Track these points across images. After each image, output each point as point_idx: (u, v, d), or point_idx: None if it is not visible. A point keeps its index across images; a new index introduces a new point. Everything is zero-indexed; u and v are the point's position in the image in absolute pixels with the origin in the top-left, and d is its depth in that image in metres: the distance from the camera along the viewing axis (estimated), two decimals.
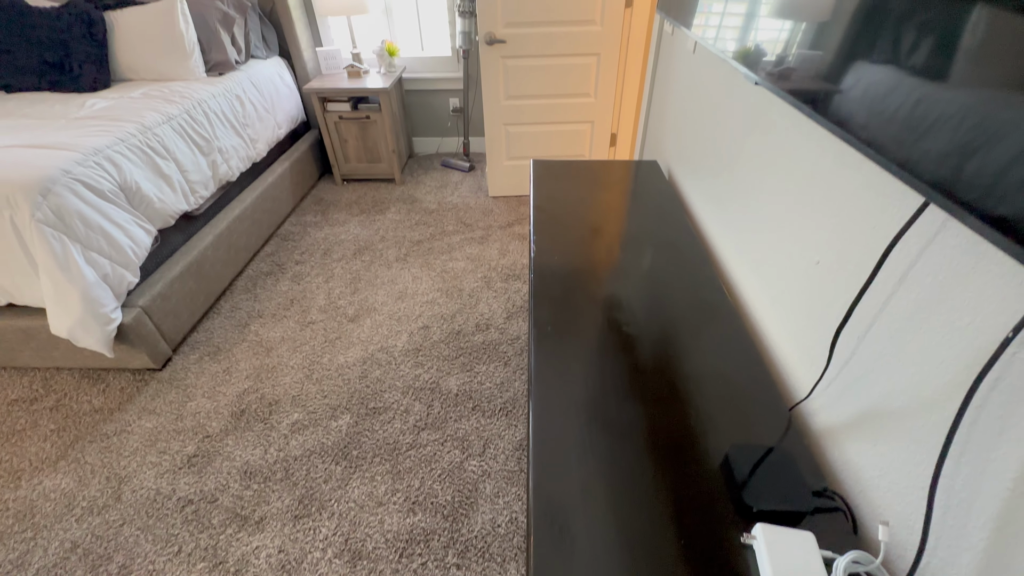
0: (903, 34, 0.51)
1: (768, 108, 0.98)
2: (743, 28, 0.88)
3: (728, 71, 1.18)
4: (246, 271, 2.31)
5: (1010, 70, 0.39)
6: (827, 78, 0.63)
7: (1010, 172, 0.39)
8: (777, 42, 0.77)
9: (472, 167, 3.19)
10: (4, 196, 1.46)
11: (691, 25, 1.12)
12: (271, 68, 2.72)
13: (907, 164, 0.50)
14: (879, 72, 0.54)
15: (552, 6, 2.24)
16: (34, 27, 2.16)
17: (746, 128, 1.08)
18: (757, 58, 0.83)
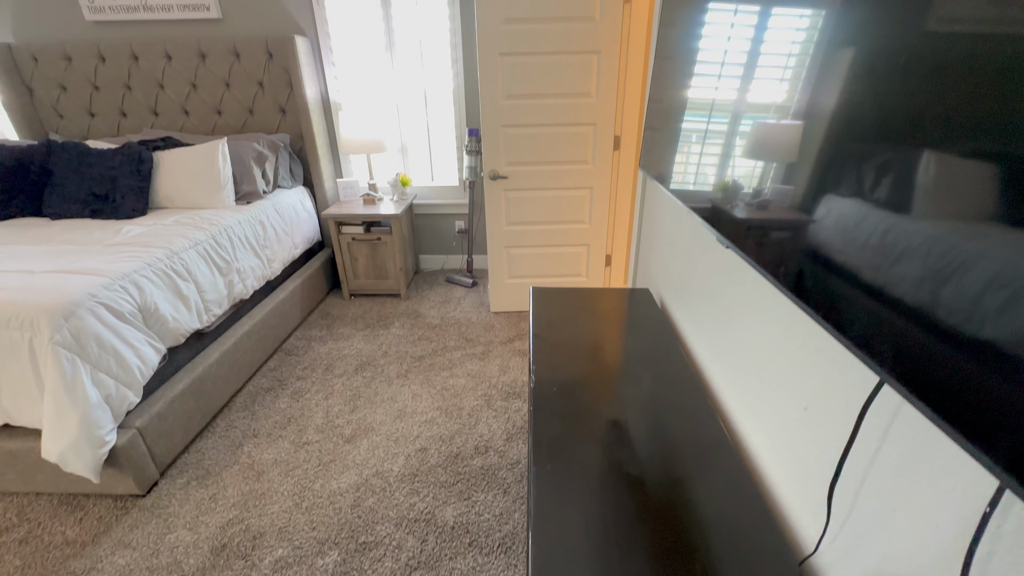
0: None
1: (743, 262, 1.09)
2: (713, 196, 1.02)
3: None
4: (247, 387, 2.32)
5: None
6: (787, 253, 0.72)
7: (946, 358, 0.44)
8: (742, 207, 0.88)
9: (475, 283, 3.35)
10: (28, 319, 1.53)
11: (668, 186, 1.28)
12: (294, 196, 3.00)
13: (861, 344, 0.56)
14: (834, 253, 0.63)
15: (548, 149, 2.54)
16: (90, 165, 2.43)
17: (727, 273, 1.18)
18: (725, 224, 0.94)
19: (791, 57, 0.74)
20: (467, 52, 3.01)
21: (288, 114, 3.06)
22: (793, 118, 0.72)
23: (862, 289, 0.56)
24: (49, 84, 3.05)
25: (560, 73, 2.39)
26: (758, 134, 0.83)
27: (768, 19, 0.81)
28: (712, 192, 1.01)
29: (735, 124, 0.91)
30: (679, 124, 1.21)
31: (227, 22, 2.99)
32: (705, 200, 1.03)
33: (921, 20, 0.49)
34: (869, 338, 0.55)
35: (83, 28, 3.04)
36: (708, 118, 1.04)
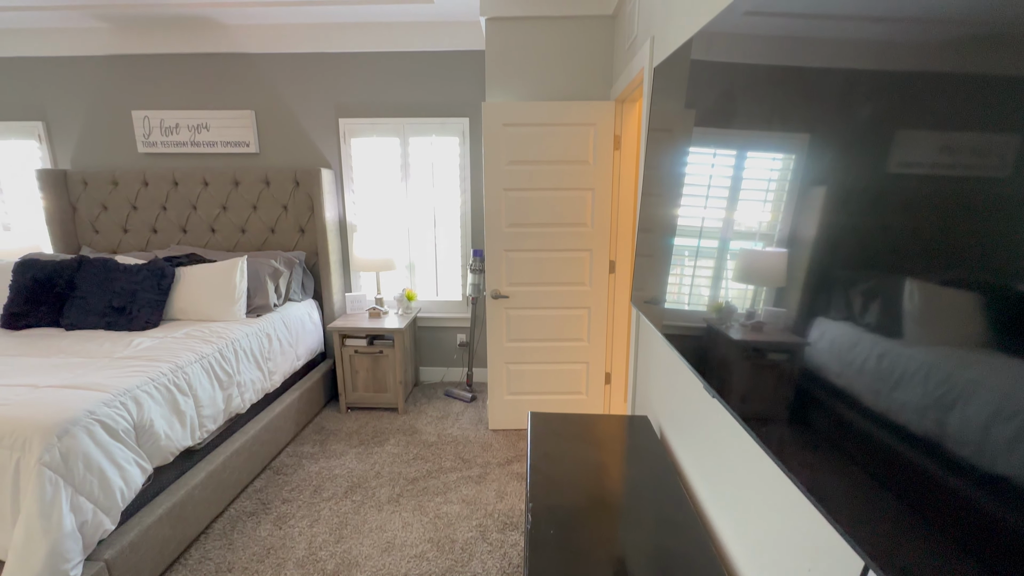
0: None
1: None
2: (697, 342, 1.08)
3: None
4: (229, 510, 2.19)
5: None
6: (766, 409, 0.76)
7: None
8: (727, 360, 0.93)
9: (474, 397, 3.31)
10: (21, 439, 1.52)
11: (659, 326, 1.36)
12: (303, 309, 3.11)
13: (847, 527, 0.57)
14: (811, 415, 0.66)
15: (548, 272, 2.70)
16: (115, 279, 2.57)
17: (722, 413, 1.20)
18: (711, 373, 0.99)
19: (765, 201, 0.83)
20: (474, 183, 3.33)
21: (307, 233, 3.30)
22: (782, 265, 0.80)
23: (852, 467, 0.59)
24: (92, 204, 3.34)
25: (558, 205, 2.63)
26: (745, 267, 0.91)
27: (743, 161, 0.92)
28: (697, 338, 1.07)
29: (720, 263, 0.99)
30: (666, 266, 1.32)
31: (263, 155, 3.37)
32: (691, 347, 1.09)
33: (882, 164, 0.55)
34: (855, 524, 0.56)
35: (134, 158, 3.42)
36: (695, 255, 1.14)
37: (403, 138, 3.28)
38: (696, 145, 1.11)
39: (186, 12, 2.92)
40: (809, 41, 0.70)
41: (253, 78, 3.27)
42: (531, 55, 2.61)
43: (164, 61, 3.28)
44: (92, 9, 2.89)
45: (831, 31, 0.65)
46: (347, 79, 3.24)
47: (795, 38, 0.73)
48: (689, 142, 1.15)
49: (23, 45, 3.29)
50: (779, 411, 0.74)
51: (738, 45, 0.90)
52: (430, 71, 3.20)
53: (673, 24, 1.51)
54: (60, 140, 3.44)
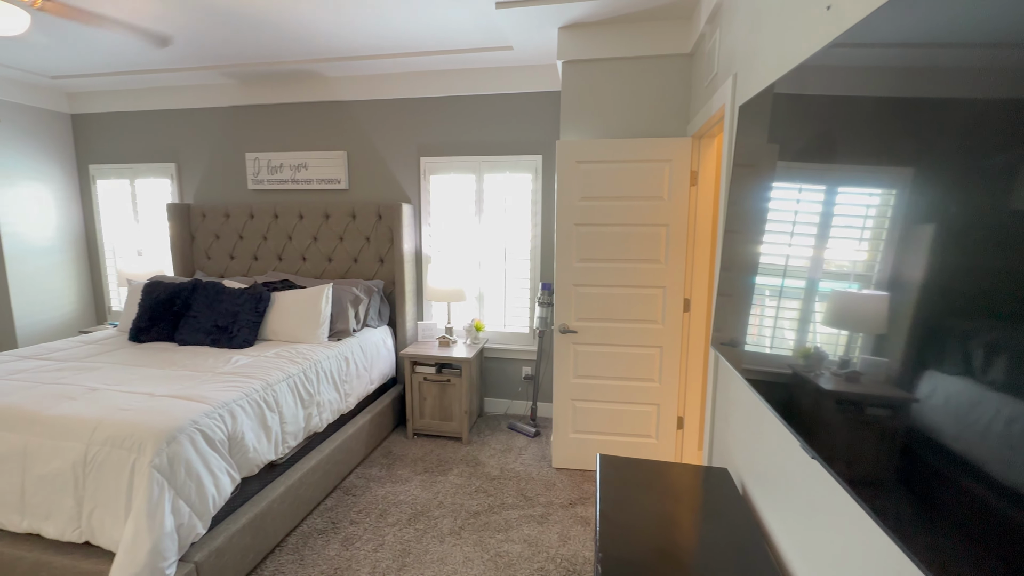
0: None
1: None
2: (787, 397, 0.99)
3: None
4: (301, 527, 2.29)
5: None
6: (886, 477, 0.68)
7: None
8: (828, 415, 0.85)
9: (538, 432, 3.26)
10: (138, 442, 1.70)
11: (743, 371, 1.27)
12: (378, 335, 3.27)
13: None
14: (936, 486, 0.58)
15: (618, 308, 2.64)
16: (221, 301, 2.87)
17: (825, 481, 1.09)
18: (806, 427, 0.90)
19: (862, 240, 0.77)
20: (545, 217, 3.38)
21: (385, 263, 3.51)
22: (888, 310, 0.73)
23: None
24: (208, 233, 3.79)
25: (630, 241, 2.59)
26: (840, 310, 0.84)
27: (840, 197, 0.85)
28: (788, 386, 0.99)
29: (812, 305, 0.92)
30: (751, 307, 1.25)
31: (351, 191, 3.66)
32: (782, 396, 1.01)
33: (1011, 200, 0.49)
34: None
35: (244, 194, 3.86)
36: (784, 295, 1.07)
37: (478, 175, 3.43)
38: (787, 181, 1.06)
39: (297, 68, 3.31)
40: (924, 71, 0.65)
41: (347, 122, 3.61)
42: (605, 94, 2.66)
43: (274, 110, 3.72)
44: (223, 68, 3.36)
45: (947, 60, 0.60)
46: (428, 121, 3.47)
47: (906, 69, 0.69)
48: (779, 178, 1.10)
49: (165, 100, 3.88)
50: (891, 479, 0.66)
51: (840, 79, 0.86)
52: (505, 112, 3.35)
53: (759, 61, 1.48)
54: (187, 178, 3.97)
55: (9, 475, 1.77)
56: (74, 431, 1.76)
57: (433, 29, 2.70)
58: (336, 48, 2.99)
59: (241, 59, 3.21)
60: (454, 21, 2.60)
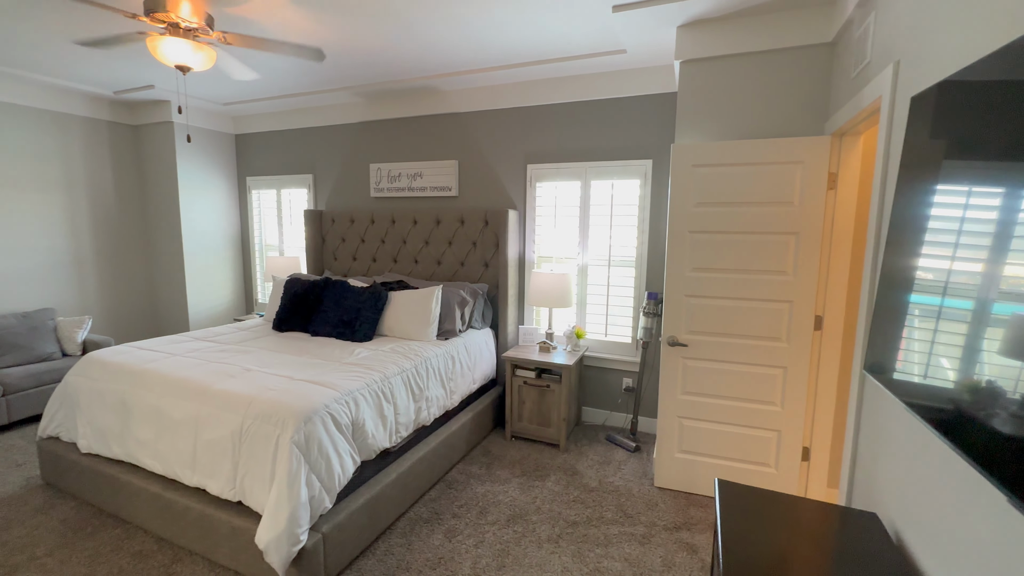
0: None
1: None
2: (989, 438, 0.82)
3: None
4: (409, 513, 2.43)
5: None
6: None
7: None
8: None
9: (638, 448, 3.12)
10: (281, 419, 1.93)
11: (911, 402, 1.09)
12: (481, 337, 3.38)
13: None
14: None
15: (736, 323, 2.44)
16: (346, 298, 3.17)
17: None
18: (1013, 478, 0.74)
19: None
20: (653, 224, 3.25)
21: (490, 267, 3.62)
22: None
23: None
24: (335, 236, 4.22)
25: (752, 250, 2.39)
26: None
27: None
28: (993, 429, 0.82)
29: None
30: (927, 329, 1.07)
31: (461, 198, 3.84)
32: (979, 443, 0.84)
33: None
34: None
35: (367, 201, 4.23)
36: (978, 316, 0.90)
37: (584, 181, 3.41)
38: (991, 183, 0.89)
39: (417, 84, 3.57)
40: None
41: (459, 133, 3.79)
42: (727, 94, 2.48)
43: (395, 124, 4.04)
44: (354, 88, 3.73)
45: None
46: (536, 129, 3.53)
47: None
48: (978, 180, 0.93)
49: (306, 119, 4.40)
50: None
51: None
52: (614, 116, 3.29)
53: (936, 44, 1.27)
54: (321, 187, 4.46)
55: (185, 437, 2.11)
56: (233, 405, 2.05)
57: (546, 38, 2.74)
58: (454, 63, 3.17)
59: (371, 79, 3.53)
60: (567, 28, 2.62)
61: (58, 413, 2.57)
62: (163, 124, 4.36)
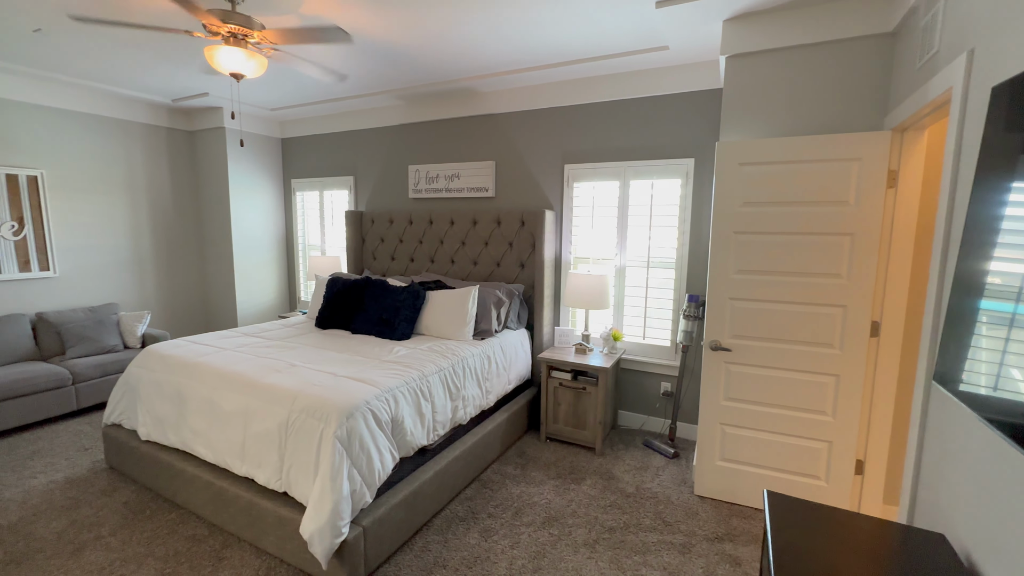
0: None
1: None
2: None
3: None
4: (445, 510, 2.45)
5: None
6: None
7: None
8: None
9: (677, 454, 3.04)
10: (325, 414, 1.99)
11: (996, 420, 1.00)
12: (517, 337, 3.37)
13: None
14: None
15: (783, 327, 2.34)
16: (386, 297, 3.24)
17: None
18: None
19: None
20: (695, 224, 3.16)
21: (526, 268, 3.62)
22: None
23: None
24: (374, 237, 4.31)
25: (801, 252, 2.28)
26: None
27: None
28: None
29: None
30: (1005, 339, 0.99)
31: (497, 199, 3.86)
32: None
33: None
34: None
35: (405, 202, 4.31)
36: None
37: (623, 180, 3.35)
38: None
39: (455, 86, 3.61)
40: None
41: (496, 134, 3.81)
42: (776, 89, 2.39)
43: (434, 126, 4.10)
44: (394, 92, 3.81)
45: None
46: (574, 129, 3.50)
47: None
48: None
49: (347, 123, 4.53)
50: None
51: None
52: (654, 115, 3.22)
53: (1018, 29, 1.18)
54: (361, 189, 4.57)
55: (235, 428, 2.20)
56: (280, 399, 2.12)
57: (587, 36, 2.71)
58: (493, 64, 3.18)
59: (410, 82, 3.59)
60: (608, 26, 2.58)
61: (121, 402, 2.73)
62: (216, 129, 4.58)
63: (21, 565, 2.01)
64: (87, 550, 2.10)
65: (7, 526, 2.26)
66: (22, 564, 2.01)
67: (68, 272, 4.02)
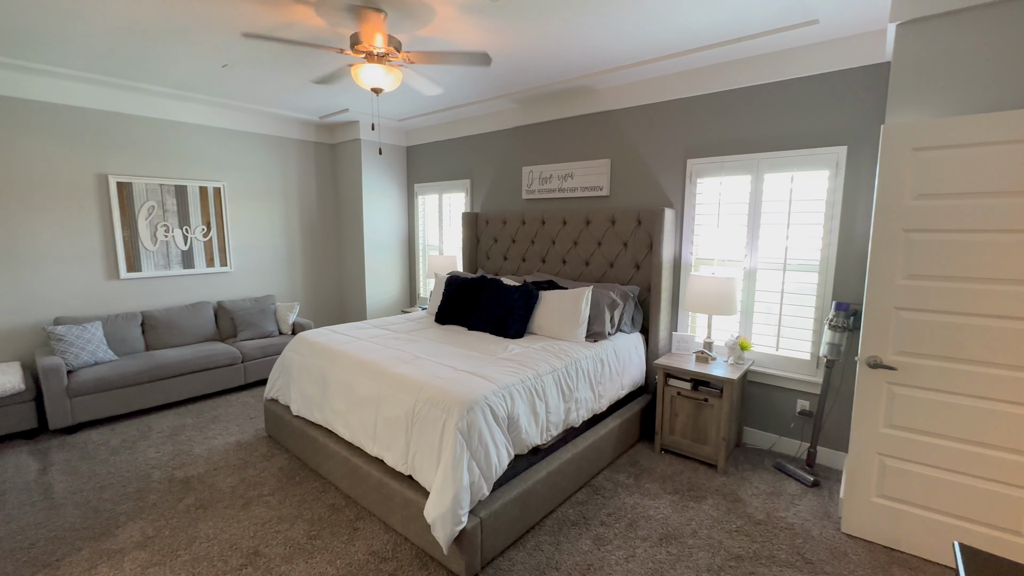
0: None
1: None
2: None
3: None
4: (556, 512, 2.44)
5: None
6: None
7: None
8: None
9: (817, 482, 2.68)
10: (447, 405, 2.08)
11: None
12: (631, 341, 3.24)
13: None
14: None
15: (972, 346, 1.93)
16: (500, 295, 3.32)
17: None
18: None
19: None
20: (845, 222, 2.76)
21: (641, 269, 3.46)
22: None
23: None
24: (488, 237, 4.46)
25: (996, 254, 1.86)
26: None
27: None
28: None
29: None
30: None
31: (612, 198, 3.75)
32: None
33: None
34: None
35: (519, 203, 4.39)
36: None
37: (755, 174, 3.04)
38: None
39: (571, 85, 3.57)
40: None
41: (612, 131, 3.70)
42: (963, 58, 1.97)
43: (548, 126, 4.11)
44: (512, 95, 3.89)
45: None
46: (698, 121, 3.26)
47: None
48: None
49: (464, 128, 4.74)
50: None
51: None
52: (794, 100, 2.86)
53: None
54: (477, 191, 4.76)
55: (368, 412, 2.41)
56: (408, 388, 2.28)
57: (719, 19, 2.49)
58: (611, 59, 3.09)
59: (528, 84, 3.64)
60: (746, 3, 2.34)
61: (278, 380, 3.16)
62: (353, 141, 5.10)
63: (207, 510, 2.41)
64: (253, 505, 2.46)
65: (197, 476, 2.73)
66: (207, 509, 2.42)
67: (239, 268, 4.77)
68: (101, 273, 3.93)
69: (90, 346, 3.49)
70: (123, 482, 2.67)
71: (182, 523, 2.31)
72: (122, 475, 2.75)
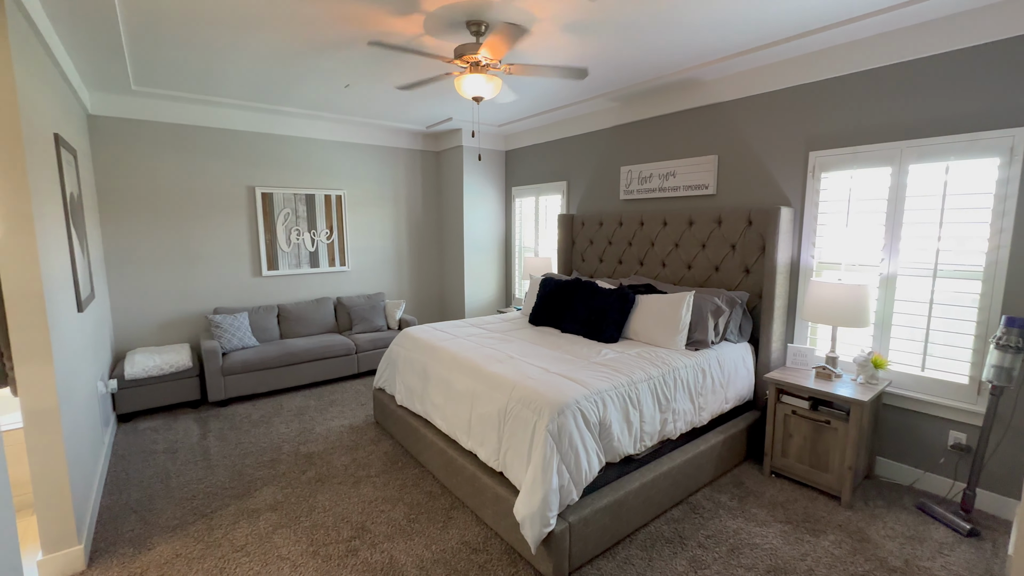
0: None
1: None
2: None
3: None
4: (649, 527, 2.33)
5: None
6: None
7: None
8: None
9: (975, 532, 2.24)
10: (539, 407, 2.10)
11: None
12: (737, 352, 2.99)
13: None
14: None
15: None
16: (594, 298, 3.27)
17: None
18: None
19: None
20: (1020, 222, 2.27)
21: (752, 274, 3.18)
22: None
23: None
24: (583, 239, 4.41)
25: None
26: None
27: None
28: None
29: None
30: None
31: (718, 197, 3.49)
32: None
33: None
34: None
35: (615, 204, 4.28)
36: None
37: (897, 166, 2.63)
38: None
39: (674, 79, 3.39)
40: None
41: (719, 124, 3.45)
42: None
43: (648, 124, 3.95)
44: (610, 94, 3.81)
45: None
46: (821, 109, 2.90)
47: None
48: None
49: (561, 131, 4.73)
50: None
51: None
52: (948, 76, 2.42)
53: None
54: (573, 193, 4.74)
55: (464, 407, 2.52)
56: (501, 387, 2.34)
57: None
58: (720, 47, 2.87)
59: (627, 82, 3.53)
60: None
61: (385, 371, 3.44)
62: (455, 148, 5.37)
63: (324, 484, 2.70)
64: (362, 484, 2.70)
65: (317, 453, 3.07)
66: (324, 483, 2.71)
67: (354, 267, 5.27)
68: (248, 271, 4.60)
69: (239, 333, 4.10)
70: (260, 451, 3.10)
71: (304, 493, 2.61)
72: (260, 445, 3.18)
